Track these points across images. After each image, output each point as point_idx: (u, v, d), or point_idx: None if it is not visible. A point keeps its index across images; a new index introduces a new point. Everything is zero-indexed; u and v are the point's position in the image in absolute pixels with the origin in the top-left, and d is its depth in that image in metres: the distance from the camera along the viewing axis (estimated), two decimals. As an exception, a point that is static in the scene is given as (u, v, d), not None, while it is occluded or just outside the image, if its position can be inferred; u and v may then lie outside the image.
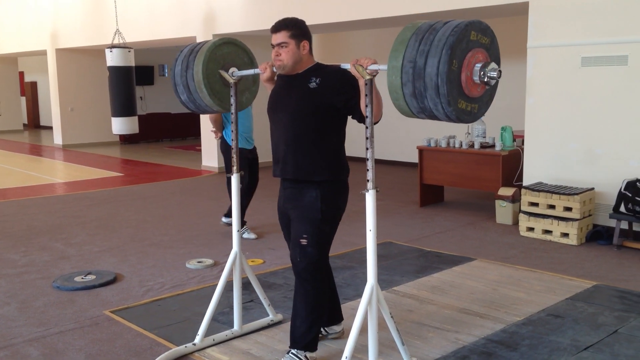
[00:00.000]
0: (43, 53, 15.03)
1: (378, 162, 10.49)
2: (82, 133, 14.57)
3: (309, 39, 3.06)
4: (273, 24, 3.06)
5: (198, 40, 10.31)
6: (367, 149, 2.78)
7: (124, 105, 7.98)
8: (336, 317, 3.48)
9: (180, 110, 16.98)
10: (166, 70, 18.06)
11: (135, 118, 8.20)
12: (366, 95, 2.70)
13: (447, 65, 2.22)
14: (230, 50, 3.29)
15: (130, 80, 8.05)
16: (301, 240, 3.00)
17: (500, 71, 2.39)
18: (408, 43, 2.32)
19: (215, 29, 9.98)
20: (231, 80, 3.27)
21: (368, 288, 2.83)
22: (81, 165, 11.46)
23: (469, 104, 2.38)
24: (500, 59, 2.50)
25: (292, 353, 3.09)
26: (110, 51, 7.83)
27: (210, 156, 10.49)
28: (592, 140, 5.71)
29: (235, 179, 3.46)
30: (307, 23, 3.21)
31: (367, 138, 2.77)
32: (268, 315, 3.73)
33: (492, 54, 2.43)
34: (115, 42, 8.41)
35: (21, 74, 21.30)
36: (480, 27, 2.36)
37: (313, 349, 3.11)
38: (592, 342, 3.39)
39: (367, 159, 2.78)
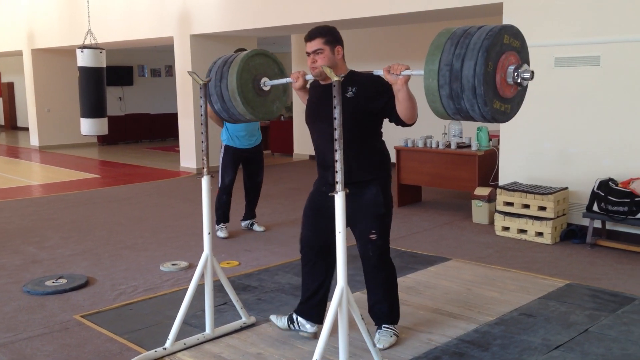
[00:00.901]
0: (19, 53, 14.83)
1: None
2: (59, 134, 14.38)
3: (342, 45, 3.24)
4: (307, 32, 3.22)
5: (175, 41, 10.30)
6: (335, 150, 2.77)
7: (93, 107, 7.90)
8: (314, 315, 3.45)
9: (159, 110, 16.89)
10: (146, 71, 17.94)
11: (105, 120, 8.11)
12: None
13: (483, 67, 2.34)
14: (262, 61, 3.41)
15: (101, 81, 7.97)
16: (371, 235, 3.26)
17: (532, 72, 2.50)
18: (444, 48, 2.44)
19: (191, 29, 9.91)
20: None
21: (338, 290, 2.83)
22: (57, 167, 11.32)
23: (502, 104, 2.50)
24: (529, 61, 2.59)
25: (384, 327, 3.42)
26: (82, 51, 7.74)
27: (188, 157, 10.42)
28: (565, 140, 5.76)
29: (205, 181, 3.44)
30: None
31: (335, 139, 2.76)
32: (241, 318, 3.70)
33: (523, 57, 2.55)
34: (87, 42, 8.30)
35: (-3, 75, 21.03)
36: (512, 31, 2.49)
37: (397, 321, 3.47)
38: (562, 341, 3.41)
39: (336, 161, 2.78)
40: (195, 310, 3.80)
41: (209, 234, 3.48)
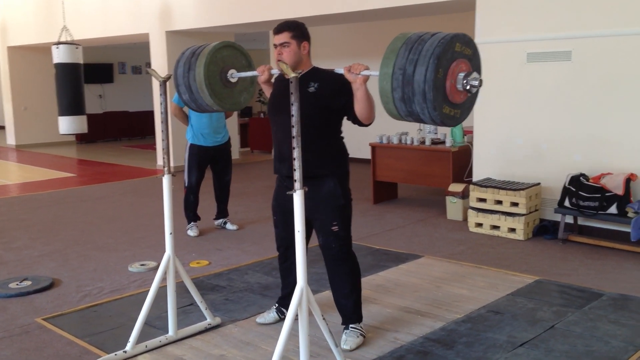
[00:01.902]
0: (-6, 51, 14.61)
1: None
2: (36, 133, 14.18)
3: (309, 41, 3.29)
4: (276, 26, 3.28)
5: (151, 38, 10.18)
6: (293, 148, 2.74)
7: (71, 104, 7.77)
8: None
9: (138, 108, 16.72)
10: (126, 68, 17.75)
11: (84, 117, 7.99)
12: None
13: (433, 74, 2.41)
14: (229, 53, 3.40)
15: (78, 77, 7.85)
16: (333, 227, 3.27)
17: (481, 80, 2.56)
18: (398, 52, 2.51)
19: (169, 26, 9.81)
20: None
21: (298, 290, 2.79)
22: (33, 166, 11.17)
23: (452, 109, 2.56)
24: (481, 68, 2.65)
25: (351, 327, 3.38)
26: (57, 48, 7.62)
27: (175, 155, 10.30)
28: (538, 136, 5.75)
29: (166, 180, 3.39)
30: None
31: (293, 137, 2.73)
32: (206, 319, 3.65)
33: (474, 64, 2.61)
34: (63, 39, 8.18)
35: (-26, 73, 20.72)
36: (464, 39, 2.55)
37: (362, 319, 3.45)
38: (528, 338, 3.40)
39: (294, 159, 2.74)
40: (161, 311, 3.75)
41: (171, 234, 3.43)
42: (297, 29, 3.24)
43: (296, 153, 2.73)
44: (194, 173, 5.73)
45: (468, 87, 2.54)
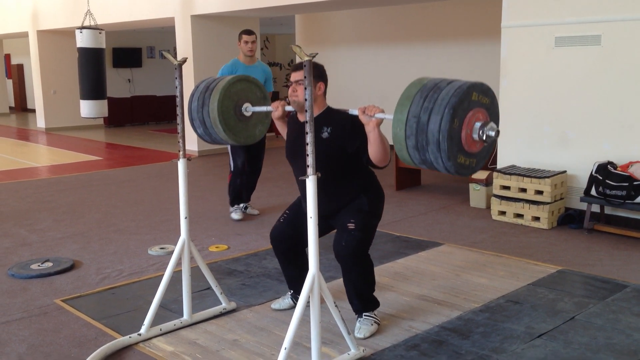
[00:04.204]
0: (25, 35, 14.81)
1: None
2: (65, 116, 14.37)
3: (325, 82, 3.26)
4: (295, 64, 3.35)
5: (176, 22, 10.19)
6: (306, 133, 2.70)
7: (92, 88, 7.83)
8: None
9: (166, 92, 16.83)
10: (154, 52, 17.86)
11: (105, 101, 8.05)
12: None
13: (448, 124, 2.35)
14: (243, 86, 3.42)
15: (101, 62, 7.90)
16: (349, 224, 3.18)
17: (498, 131, 2.50)
18: (413, 99, 2.46)
19: (193, 10, 9.80)
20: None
21: (309, 277, 2.77)
22: (61, 149, 11.34)
23: (467, 158, 2.51)
24: (499, 116, 2.58)
25: (365, 315, 3.33)
26: (80, 32, 7.67)
27: (191, 139, 10.34)
28: (565, 123, 5.61)
29: (181, 164, 3.38)
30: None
31: (305, 122, 2.70)
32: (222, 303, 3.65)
33: (492, 113, 2.55)
34: (87, 23, 8.23)
35: (7, 57, 21.07)
36: (481, 88, 2.49)
37: (376, 306, 3.40)
38: (547, 329, 3.32)
39: (307, 144, 2.71)
40: (177, 294, 3.76)
41: (186, 218, 3.43)
42: (315, 69, 3.18)
43: (309, 138, 2.69)
44: (239, 155, 5.74)
45: (484, 138, 2.47)
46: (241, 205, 5.94)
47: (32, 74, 14.62)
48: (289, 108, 3.32)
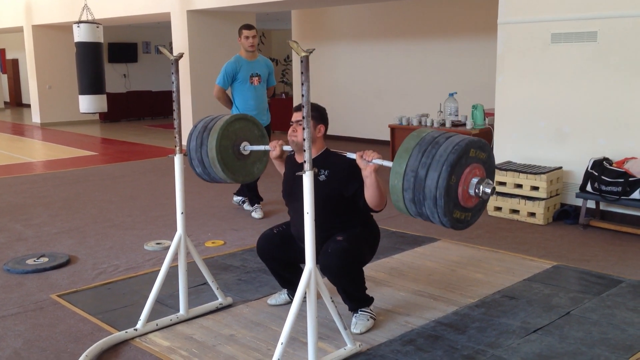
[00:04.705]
0: (20, 30, 14.75)
1: (354, 140, 10.46)
2: (60, 111, 14.34)
3: (326, 125, 3.28)
4: (296, 105, 3.24)
5: (172, 17, 10.16)
6: (303, 128, 2.70)
7: (91, 83, 7.81)
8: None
9: (162, 88, 16.80)
10: (150, 48, 17.81)
11: (104, 97, 8.03)
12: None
13: (446, 181, 2.39)
14: (241, 125, 3.45)
15: (99, 56, 7.88)
16: (337, 237, 3.15)
17: (494, 188, 2.55)
18: (412, 153, 2.50)
19: (189, 5, 9.77)
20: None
21: (306, 272, 2.77)
22: (57, 144, 11.31)
23: (463, 212, 2.56)
24: (494, 171, 2.66)
25: (360, 311, 3.32)
26: (78, 27, 7.65)
27: (186, 135, 10.33)
28: (561, 119, 5.62)
29: (177, 160, 3.38)
30: None
31: (303, 117, 2.69)
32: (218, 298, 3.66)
33: (488, 168, 2.61)
34: (84, 18, 8.20)
35: (2, 51, 21.01)
36: (479, 144, 2.53)
37: (370, 302, 3.37)
38: (542, 324, 3.34)
39: (304, 139, 2.70)
40: (173, 290, 3.76)
41: (182, 213, 3.43)
42: (316, 111, 3.20)
43: (306, 134, 2.69)
44: None
45: (480, 194, 2.51)
46: (261, 203, 5.92)
47: (27, 69, 14.57)
48: (286, 148, 3.33)
